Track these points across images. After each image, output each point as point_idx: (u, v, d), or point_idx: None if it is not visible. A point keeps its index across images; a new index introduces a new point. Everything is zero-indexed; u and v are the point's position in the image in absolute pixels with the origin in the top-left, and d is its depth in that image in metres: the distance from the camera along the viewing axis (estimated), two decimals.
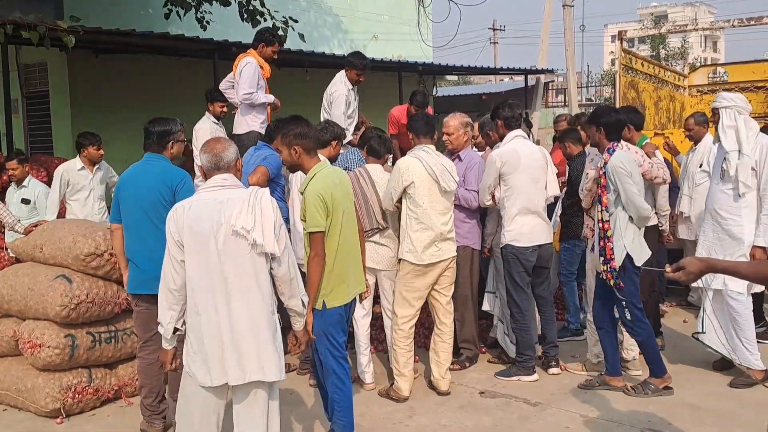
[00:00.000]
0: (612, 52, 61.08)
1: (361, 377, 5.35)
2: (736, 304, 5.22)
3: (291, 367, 5.79)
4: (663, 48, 40.24)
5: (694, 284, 5.24)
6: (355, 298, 4.24)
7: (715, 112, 5.39)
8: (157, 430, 4.60)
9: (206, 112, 7.30)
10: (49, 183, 7.32)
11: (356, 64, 7.04)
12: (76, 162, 6.89)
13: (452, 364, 5.40)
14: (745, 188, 5.16)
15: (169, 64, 10.70)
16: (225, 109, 7.27)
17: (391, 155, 5.66)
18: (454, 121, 5.53)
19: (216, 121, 7.18)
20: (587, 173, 5.31)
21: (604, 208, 4.96)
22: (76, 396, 4.92)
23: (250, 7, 10.19)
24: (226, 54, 9.07)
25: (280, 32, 9.26)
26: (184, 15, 10.04)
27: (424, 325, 5.98)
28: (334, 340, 4.05)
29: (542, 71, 17.01)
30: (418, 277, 5.02)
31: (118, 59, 10.22)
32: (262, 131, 6.42)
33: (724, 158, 5.24)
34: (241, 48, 8.14)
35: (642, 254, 4.94)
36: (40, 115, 10.42)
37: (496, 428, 4.62)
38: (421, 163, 4.94)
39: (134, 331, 5.17)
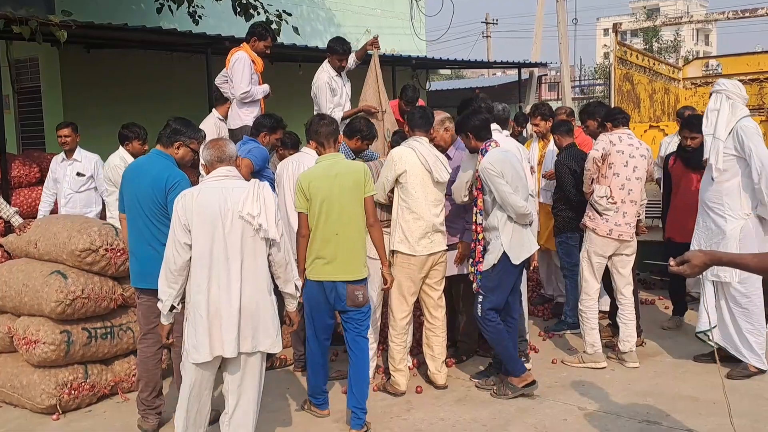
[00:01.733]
0: (605, 45, 61.10)
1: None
2: (744, 297, 5.16)
3: (287, 361, 5.78)
4: (656, 41, 40.28)
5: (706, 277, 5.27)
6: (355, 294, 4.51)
7: (711, 96, 5.37)
8: (151, 426, 4.58)
9: (213, 109, 7.14)
10: (40, 181, 7.26)
11: (336, 49, 6.96)
12: (126, 155, 6.41)
13: (448, 358, 5.39)
14: (717, 172, 5.10)
15: (161, 58, 10.63)
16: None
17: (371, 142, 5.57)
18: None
19: (221, 118, 7.08)
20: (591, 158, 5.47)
21: (478, 211, 4.93)
22: (72, 392, 4.89)
23: (243, 1, 10.12)
24: (219, 48, 9.02)
25: (274, 26, 9.20)
26: (177, 9, 9.97)
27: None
28: (307, 311, 4.59)
29: (535, 65, 16.98)
30: (412, 269, 5.01)
31: (110, 54, 10.15)
32: None
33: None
34: (234, 42, 8.09)
35: (521, 252, 4.82)
36: (32, 110, 10.35)
37: (494, 421, 4.62)
38: (415, 153, 4.96)
39: (130, 327, 5.18)
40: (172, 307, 3.80)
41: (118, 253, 5.08)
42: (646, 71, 8.61)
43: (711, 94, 5.33)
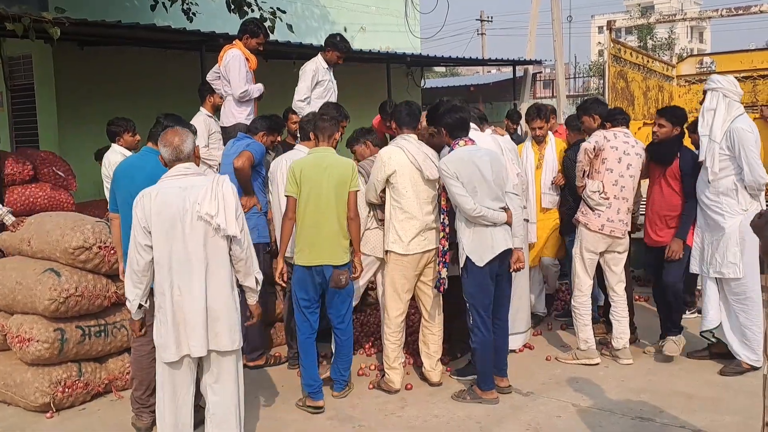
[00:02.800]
0: (600, 42, 61.17)
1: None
2: (743, 293, 5.16)
3: (281, 359, 5.78)
4: (650, 38, 40.35)
5: (699, 271, 5.33)
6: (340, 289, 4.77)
7: (705, 93, 5.33)
8: (145, 424, 4.56)
9: (201, 108, 7.02)
10: (34, 179, 7.23)
11: (339, 46, 6.97)
12: (123, 150, 6.31)
13: (443, 356, 5.40)
14: (712, 175, 5.10)
15: (155, 55, 10.60)
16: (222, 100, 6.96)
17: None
18: (424, 122, 5.48)
19: (210, 115, 7.02)
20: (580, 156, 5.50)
21: (443, 209, 4.91)
22: (66, 390, 4.88)
23: None
24: (212, 45, 9.00)
25: (268, 23, 9.18)
26: (171, 6, 9.95)
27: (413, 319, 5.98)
28: (296, 295, 4.85)
29: (530, 62, 16.99)
30: (406, 268, 5.01)
31: (103, 51, 10.11)
32: (248, 123, 6.37)
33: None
34: (228, 39, 8.07)
35: (483, 254, 4.72)
36: (25, 108, 10.30)
37: (488, 418, 4.63)
38: (403, 152, 4.97)
39: (124, 325, 5.17)
40: (141, 305, 3.87)
41: (112, 251, 5.06)
42: (640, 69, 8.61)
43: (706, 92, 5.30)
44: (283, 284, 4.98)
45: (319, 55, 7.06)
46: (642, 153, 5.53)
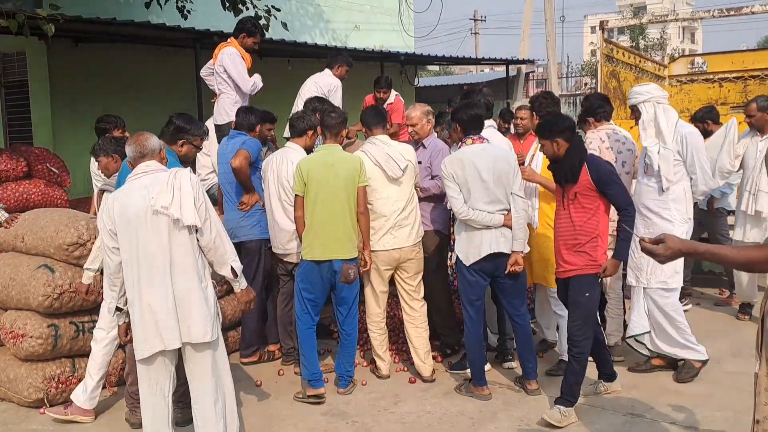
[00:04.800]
0: (592, 42, 61.32)
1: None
2: (667, 301, 5.09)
3: (276, 355, 5.80)
4: (642, 39, 40.51)
5: (630, 282, 5.17)
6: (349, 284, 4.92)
7: (634, 108, 5.14)
8: (139, 419, 4.56)
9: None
10: (28, 175, 7.22)
11: (351, 63, 7.32)
12: None
13: (433, 352, 5.45)
14: (667, 183, 5.00)
15: (150, 53, 10.59)
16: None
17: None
18: (416, 112, 5.55)
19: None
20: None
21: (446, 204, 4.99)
22: (60, 386, 4.89)
23: None
24: (207, 43, 8.99)
25: (262, 21, 9.19)
26: (165, 4, 9.94)
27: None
28: (299, 287, 4.98)
29: (523, 61, 17.03)
30: (376, 264, 5.14)
31: (98, 48, 10.09)
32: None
33: (646, 152, 5.10)
34: (223, 37, 8.07)
35: (468, 255, 4.78)
36: (19, 104, 10.28)
37: (481, 414, 4.66)
38: (366, 155, 5.12)
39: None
40: (118, 309, 3.85)
41: None
42: (632, 68, 8.68)
43: (635, 107, 5.09)
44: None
45: (332, 73, 7.34)
46: (633, 147, 5.45)
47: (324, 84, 7.20)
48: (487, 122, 5.48)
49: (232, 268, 3.85)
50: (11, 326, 4.88)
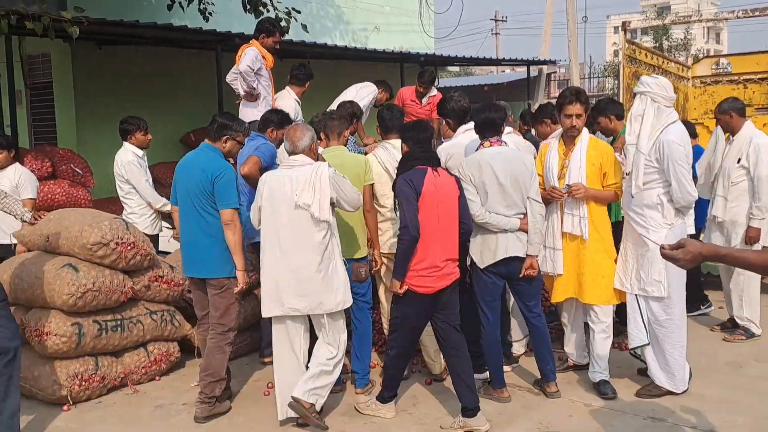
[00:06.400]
0: (615, 43, 60.87)
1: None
2: (663, 314, 4.81)
3: None
4: (666, 39, 40.13)
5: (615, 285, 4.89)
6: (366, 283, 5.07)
7: (634, 97, 4.88)
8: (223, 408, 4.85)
9: (288, 88, 7.23)
10: (52, 176, 7.32)
11: (392, 92, 7.70)
12: (135, 149, 6.32)
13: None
14: (636, 188, 4.73)
15: (172, 55, 10.69)
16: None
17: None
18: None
19: (298, 100, 7.17)
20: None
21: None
22: (83, 384, 4.95)
23: None
24: (229, 45, 9.08)
25: (283, 23, 9.25)
26: (187, 6, 10.03)
27: None
28: None
29: (544, 62, 16.97)
30: (389, 264, 5.12)
31: (121, 50, 10.22)
32: None
33: (623, 151, 4.94)
34: (244, 39, 8.15)
35: (483, 257, 4.75)
36: (44, 105, 10.43)
37: (500, 417, 4.65)
38: (377, 160, 5.19)
39: (140, 320, 5.26)
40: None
41: (129, 247, 5.14)
42: (655, 70, 8.59)
43: (635, 95, 4.85)
44: None
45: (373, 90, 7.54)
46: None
47: (361, 85, 7.41)
48: (507, 128, 5.47)
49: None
50: (36, 324, 4.95)
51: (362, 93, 7.32)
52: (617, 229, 5.17)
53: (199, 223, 4.66)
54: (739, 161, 5.96)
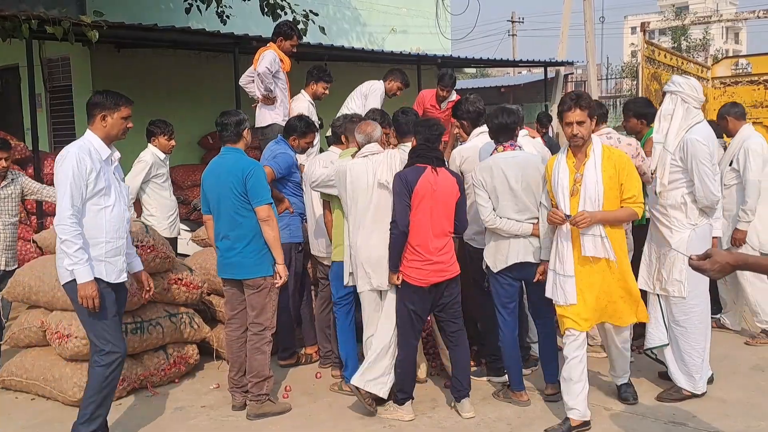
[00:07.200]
0: (633, 43, 60.49)
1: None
2: (682, 315, 4.78)
3: (313, 357, 5.82)
4: (684, 39, 39.83)
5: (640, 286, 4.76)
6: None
7: (664, 95, 4.85)
8: (239, 402, 4.88)
9: (302, 91, 7.13)
10: None
11: (407, 81, 7.65)
12: (156, 151, 6.35)
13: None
14: (660, 186, 4.73)
15: (190, 58, 10.76)
16: (327, 92, 7.14)
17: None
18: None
19: (312, 102, 7.10)
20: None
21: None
22: None
23: (271, 1, 10.22)
24: (246, 48, 9.11)
25: (300, 26, 9.28)
26: (205, 9, 10.09)
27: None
28: (334, 287, 5.21)
29: (562, 63, 16.86)
30: None
31: (139, 53, 10.30)
32: (284, 124, 6.45)
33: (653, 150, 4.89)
34: (262, 42, 8.17)
35: (495, 262, 4.75)
36: (64, 108, 10.52)
37: (519, 420, 4.63)
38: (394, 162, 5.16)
39: (160, 322, 5.28)
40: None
41: (148, 250, 5.17)
42: (674, 70, 8.53)
43: (664, 94, 4.83)
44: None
45: (382, 85, 7.44)
46: (627, 149, 5.25)
47: (367, 85, 7.24)
48: (521, 131, 5.42)
49: None
50: (57, 326, 4.99)
51: (370, 101, 7.17)
52: (642, 231, 5.16)
53: (234, 226, 4.69)
54: (731, 164, 6.00)
